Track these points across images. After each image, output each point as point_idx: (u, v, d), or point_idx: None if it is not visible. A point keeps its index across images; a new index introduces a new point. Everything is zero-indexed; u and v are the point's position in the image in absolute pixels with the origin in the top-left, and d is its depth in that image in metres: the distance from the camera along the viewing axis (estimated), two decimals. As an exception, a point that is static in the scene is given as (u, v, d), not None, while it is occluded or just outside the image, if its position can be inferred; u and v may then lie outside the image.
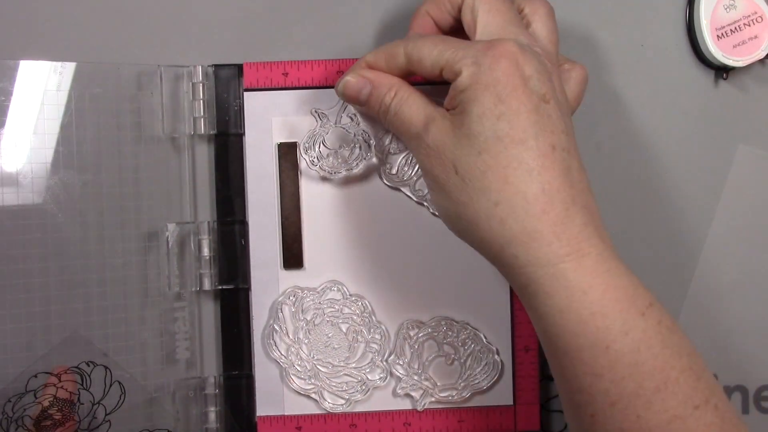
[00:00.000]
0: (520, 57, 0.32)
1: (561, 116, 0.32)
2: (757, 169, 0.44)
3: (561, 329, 0.31)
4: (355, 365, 0.42)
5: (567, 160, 0.32)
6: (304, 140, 0.41)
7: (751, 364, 0.44)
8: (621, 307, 0.30)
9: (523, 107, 0.31)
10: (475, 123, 0.32)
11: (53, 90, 0.40)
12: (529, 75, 0.32)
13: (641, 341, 0.30)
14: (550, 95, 0.32)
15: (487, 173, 0.32)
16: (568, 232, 0.31)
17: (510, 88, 0.31)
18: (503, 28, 0.34)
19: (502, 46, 0.32)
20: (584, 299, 0.30)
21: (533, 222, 0.31)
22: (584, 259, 0.31)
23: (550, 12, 0.36)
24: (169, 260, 0.41)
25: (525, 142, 0.31)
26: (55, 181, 0.40)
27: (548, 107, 0.32)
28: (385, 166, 0.42)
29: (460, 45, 0.33)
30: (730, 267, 0.44)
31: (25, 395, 0.38)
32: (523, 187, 0.31)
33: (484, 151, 0.32)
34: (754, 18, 0.43)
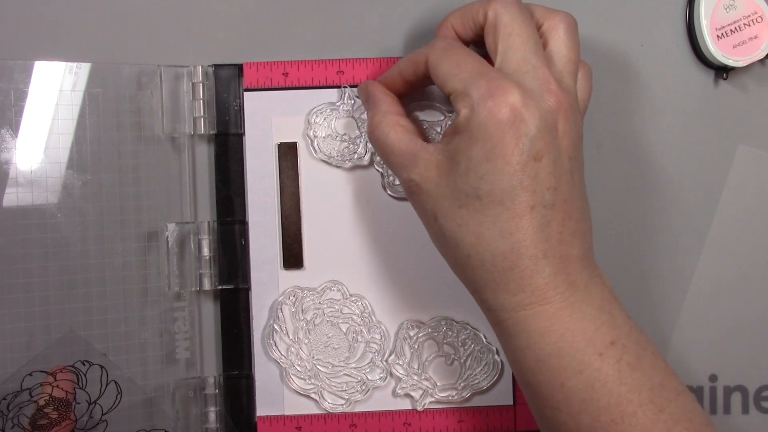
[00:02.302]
0: (521, 111, 0.32)
1: (553, 171, 0.32)
2: (757, 169, 0.44)
3: (522, 365, 0.34)
4: (355, 365, 0.42)
5: (546, 216, 0.32)
6: (317, 107, 0.42)
7: (751, 364, 0.44)
8: (577, 348, 0.33)
9: (508, 168, 0.32)
10: (461, 178, 0.33)
11: (68, 90, 0.40)
12: (525, 132, 0.32)
13: (596, 379, 0.33)
14: (545, 151, 0.32)
15: (463, 227, 0.33)
16: (534, 284, 0.33)
17: (500, 147, 0.32)
18: (523, 61, 0.34)
19: (503, 96, 0.32)
20: (541, 341, 0.33)
21: (500, 276, 0.33)
22: (547, 306, 0.33)
23: (570, 28, 0.35)
24: (169, 260, 0.41)
25: (502, 203, 0.32)
26: (56, 181, 0.40)
27: (537, 166, 0.32)
28: (388, 178, 0.42)
29: (473, 76, 0.33)
30: (730, 267, 0.44)
31: (20, 394, 0.38)
32: (494, 246, 0.33)
33: (463, 206, 0.33)
34: (754, 18, 0.43)
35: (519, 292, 0.33)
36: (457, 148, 0.33)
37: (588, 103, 0.38)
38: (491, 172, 0.32)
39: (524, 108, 0.32)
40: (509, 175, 0.32)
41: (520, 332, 0.33)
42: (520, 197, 0.32)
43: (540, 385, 0.34)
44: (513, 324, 0.33)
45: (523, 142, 0.32)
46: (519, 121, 0.32)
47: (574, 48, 0.35)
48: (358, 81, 0.42)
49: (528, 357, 0.34)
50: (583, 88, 0.37)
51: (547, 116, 0.32)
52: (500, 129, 0.32)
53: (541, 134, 0.32)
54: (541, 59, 0.34)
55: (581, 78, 0.37)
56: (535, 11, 0.36)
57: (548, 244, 0.32)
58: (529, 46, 0.34)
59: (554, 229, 0.33)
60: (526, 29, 0.34)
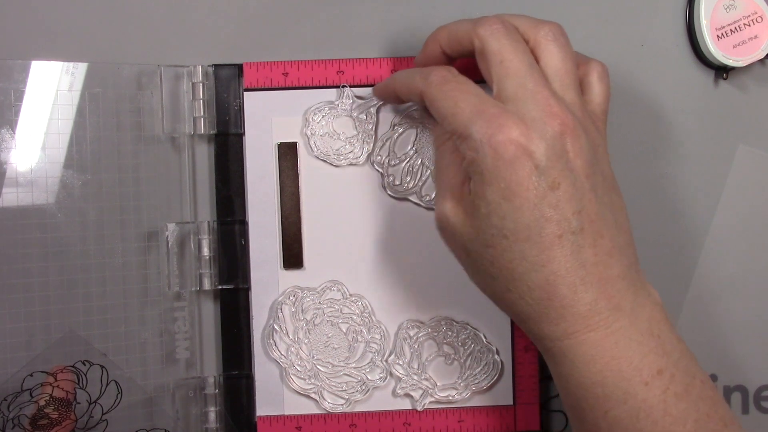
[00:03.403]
0: (526, 144, 0.31)
1: (573, 195, 0.32)
2: (757, 169, 0.44)
3: (567, 392, 0.34)
4: (354, 365, 0.42)
5: (576, 242, 0.32)
6: (315, 105, 0.42)
7: (751, 364, 0.44)
8: (622, 377, 0.32)
9: (527, 203, 0.31)
10: (483, 221, 0.32)
11: (65, 90, 0.40)
12: (536, 164, 0.31)
13: (640, 409, 0.32)
14: (561, 177, 0.31)
15: (495, 264, 0.33)
16: (575, 312, 0.32)
17: (514, 186, 0.31)
18: (519, 87, 0.33)
19: (505, 133, 0.31)
20: (585, 369, 0.32)
21: (539, 307, 0.32)
22: (591, 333, 0.32)
23: (558, 38, 0.34)
24: (169, 260, 0.41)
25: (529, 239, 0.32)
26: (55, 181, 0.40)
27: (557, 195, 0.31)
28: (387, 178, 0.42)
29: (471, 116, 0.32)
30: (730, 266, 0.44)
31: (21, 394, 0.38)
32: (528, 279, 0.32)
33: (490, 246, 0.33)
34: (754, 18, 0.43)
35: (561, 321, 0.32)
36: (473, 191, 0.33)
37: (607, 105, 0.36)
38: (511, 212, 0.31)
39: (528, 141, 0.31)
40: (530, 211, 0.31)
41: (564, 360, 0.33)
42: (545, 230, 0.31)
43: (584, 411, 0.33)
44: (558, 352, 0.33)
45: (536, 176, 0.31)
46: (526, 156, 0.31)
47: (567, 58, 0.34)
48: (358, 81, 0.42)
49: (572, 384, 0.33)
50: (599, 92, 0.36)
51: (554, 142, 0.32)
52: (509, 168, 0.31)
53: (552, 162, 0.31)
54: (538, 80, 0.33)
55: (595, 81, 0.36)
56: (520, 26, 0.35)
57: (584, 269, 0.32)
58: (523, 71, 0.33)
59: (588, 252, 0.32)
60: (515, 53, 0.33)
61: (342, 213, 0.42)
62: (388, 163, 0.42)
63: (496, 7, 0.43)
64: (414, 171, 0.42)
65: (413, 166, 0.42)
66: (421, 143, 0.42)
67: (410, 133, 0.42)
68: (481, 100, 0.33)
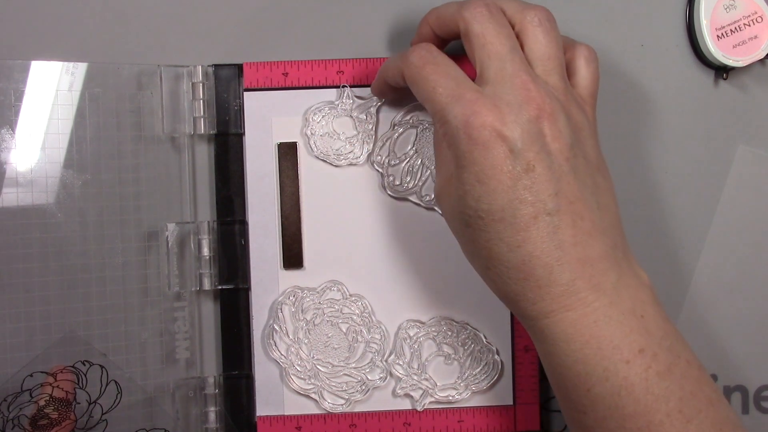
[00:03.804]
0: (501, 129, 0.32)
1: (550, 178, 0.32)
2: (757, 169, 0.44)
3: (551, 370, 0.35)
4: (354, 365, 0.42)
5: (552, 223, 0.32)
6: (315, 105, 0.42)
7: (751, 364, 0.44)
8: (602, 355, 0.32)
9: (501, 186, 0.32)
10: (460, 201, 0.33)
11: (65, 90, 0.40)
12: (510, 148, 0.32)
13: (622, 387, 0.32)
14: (536, 160, 0.32)
15: (474, 243, 0.33)
16: (552, 292, 0.32)
17: (488, 169, 0.32)
18: (499, 71, 0.33)
19: (480, 118, 0.32)
20: (566, 348, 0.33)
21: (517, 287, 0.33)
22: (569, 313, 0.32)
23: (543, 22, 0.34)
24: (169, 260, 0.41)
25: (503, 220, 0.32)
26: (55, 181, 0.40)
27: (532, 176, 0.32)
28: (387, 178, 0.42)
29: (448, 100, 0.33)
30: (730, 267, 0.44)
31: (21, 394, 0.38)
32: (505, 259, 0.33)
33: (469, 226, 0.33)
34: (754, 18, 0.43)
35: (539, 300, 0.33)
36: (453, 173, 0.33)
37: (596, 88, 0.36)
38: (486, 194, 0.32)
39: (503, 125, 0.32)
40: (504, 193, 0.32)
41: (546, 339, 0.33)
42: (520, 211, 0.32)
43: (567, 389, 0.34)
44: (539, 331, 0.33)
45: (511, 159, 0.32)
46: (500, 140, 0.32)
47: (552, 43, 0.34)
48: (357, 81, 0.42)
49: (555, 362, 0.33)
50: (586, 75, 0.36)
51: (530, 126, 0.32)
52: (483, 151, 0.32)
53: (527, 145, 0.32)
54: (518, 64, 0.33)
55: (582, 65, 0.36)
56: (507, 10, 0.35)
57: (561, 250, 0.32)
58: (503, 54, 0.33)
59: (565, 233, 0.32)
60: (498, 37, 0.33)
61: (342, 213, 0.42)
62: (388, 163, 0.42)
63: (496, 7, 0.43)
64: (414, 171, 0.42)
65: (413, 166, 0.42)
66: (421, 143, 0.42)
67: (410, 133, 0.42)
68: (458, 83, 0.33)
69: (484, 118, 0.32)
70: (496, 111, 0.32)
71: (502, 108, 0.32)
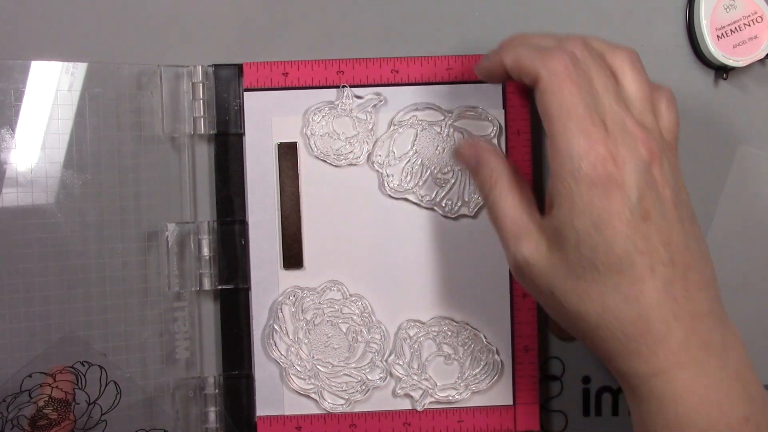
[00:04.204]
0: (618, 174, 0.30)
1: (663, 227, 0.31)
2: (757, 169, 0.44)
3: (649, 430, 0.32)
4: (354, 365, 0.42)
5: (667, 275, 0.31)
6: (315, 105, 0.42)
7: (751, 364, 0.44)
8: (710, 421, 0.31)
9: (620, 235, 0.30)
10: (572, 251, 0.31)
11: (65, 90, 0.40)
12: (628, 195, 0.30)
13: None
14: (651, 208, 0.31)
15: (585, 300, 0.32)
16: (667, 348, 0.31)
17: (605, 216, 0.30)
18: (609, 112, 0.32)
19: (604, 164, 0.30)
20: (675, 409, 0.31)
21: (631, 343, 0.31)
22: (681, 371, 0.31)
23: (635, 63, 0.34)
24: (169, 260, 0.41)
25: (621, 271, 0.31)
26: (55, 181, 0.40)
27: (648, 226, 0.31)
28: (386, 178, 0.42)
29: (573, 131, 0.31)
30: (730, 267, 0.44)
31: (20, 395, 0.38)
32: (620, 314, 0.31)
33: (581, 279, 0.31)
34: (754, 18, 0.43)
35: (652, 357, 0.31)
36: (560, 220, 0.32)
37: (677, 133, 0.35)
38: (603, 243, 0.30)
39: (623, 171, 0.30)
40: (622, 242, 0.30)
41: (652, 398, 0.32)
42: (637, 262, 0.31)
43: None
44: (646, 390, 0.32)
45: (628, 207, 0.30)
46: (621, 186, 0.30)
47: (644, 84, 0.34)
48: (357, 81, 0.42)
49: (657, 423, 0.32)
50: (669, 119, 0.35)
51: (645, 171, 0.31)
52: (603, 197, 0.30)
53: (643, 192, 0.31)
54: (624, 107, 0.32)
55: (663, 108, 0.35)
56: (596, 49, 0.34)
57: (676, 303, 0.31)
58: (609, 95, 0.32)
59: (678, 286, 0.31)
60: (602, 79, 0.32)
61: (342, 213, 0.42)
62: (387, 162, 0.42)
63: (501, 7, 0.43)
64: (413, 171, 0.42)
65: (413, 166, 0.42)
66: (420, 143, 0.42)
67: (410, 133, 0.42)
68: (590, 114, 0.31)
69: (608, 164, 0.30)
70: (618, 155, 0.31)
71: (622, 152, 0.31)
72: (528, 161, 0.42)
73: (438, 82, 0.42)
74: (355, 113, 0.42)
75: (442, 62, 0.42)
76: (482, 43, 0.43)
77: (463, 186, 0.42)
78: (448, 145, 0.42)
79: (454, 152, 0.39)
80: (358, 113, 0.42)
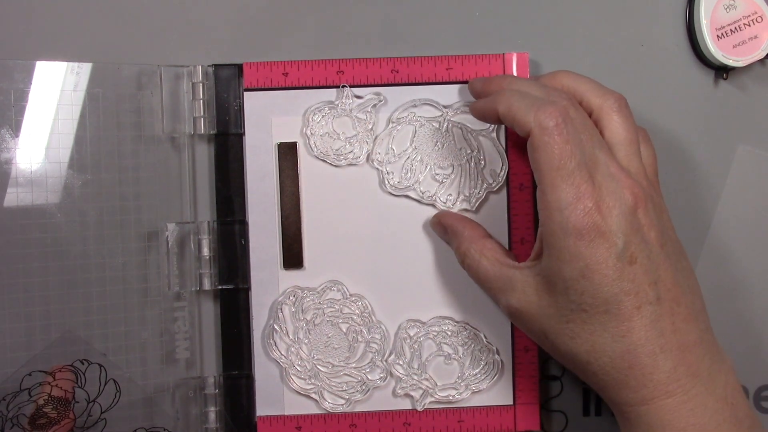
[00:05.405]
0: (606, 219, 0.32)
1: (649, 267, 0.32)
2: (757, 169, 0.44)
3: None
4: (355, 365, 0.42)
5: (654, 312, 0.33)
6: (315, 105, 0.42)
7: (751, 364, 0.44)
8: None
9: (606, 280, 0.32)
10: (561, 296, 0.33)
11: (69, 90, 0.40)
12: (614, 242, 0.32)
13: None
14: (638, 251, 0.32)
15: (576, 339, 0.33)
16: (655, 379, 0.33)
17: (592, 264, 0.32)
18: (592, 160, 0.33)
19: (590, 215, 0.32)
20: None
21: (621, 376, 0.33)
22: (669, 399, 0.33)
23: (622, 108, 0.35)
24: (169, 260, 0.41)
25: (608, 311, 0.32)
26: (55, 181, 0.40)
27: (634, 269, 0.32)
28: (387, 175, 0.42)
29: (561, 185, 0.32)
30: (730, 267, 0.44)
31: (19, 394, 0.38)
32: (609, 350, 0.33)
33: (570, 321, 0.33)
34: (754, 18, 0.43)
35: (641, 388, 0.33)
36: (548, 268, 0.33)
37: (657, 167, 0.37)
38: (590, 288, 0.32)
39: (609, 219, 0.32)
40: (609, 286, 0.32)
41: (641, 424, 0.33)
42: (624, 303, 0.32)
43: None
44: (634, 417, 0.33)
45: (615, 253, 0.32)
46: (606, 234, 0.32)
47: (630, 128, 0.35)
48: (358, 81, 0.42)
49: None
50: (648, 155, 0.37)
51: (630, 217, 0.32)
52: (589, 247, 0.32)
53: (629, 238, 0.32)
54: (607, 154, 0.34)
55: (643, 146, 0.36)
56: (585, 94, 0.36)
57: (663, 338, 0.32)
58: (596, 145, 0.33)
59: (666, 321, 0.33)
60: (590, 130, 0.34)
61: (342, 213, 0.42)
62: (387, 160, 0.42)
63: (501, 7, 0.43)
64: (413, 168, 0.42)
65: (412, 163, 0.42)
66: (419, 140, 0.42)
67: (408, 129, 0.42)
68: (579, 167, 0.32)
69: (594, 214, 0.32)
70: (603, 204, 0.32)
71: (607, 201, 0.32)
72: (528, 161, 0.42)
73: (438, 82, 0.42)
74: (355, 113, 0.42)
75: (442, 62, 0.42)
76: (482, 43, 0.43)
77: (464, 181, 0.42)
78: (447, 141, 0.42)
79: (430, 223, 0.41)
80: (357, 113, 0.42)
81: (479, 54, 0.42)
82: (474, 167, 0.42)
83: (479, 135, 0.42)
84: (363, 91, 0.42)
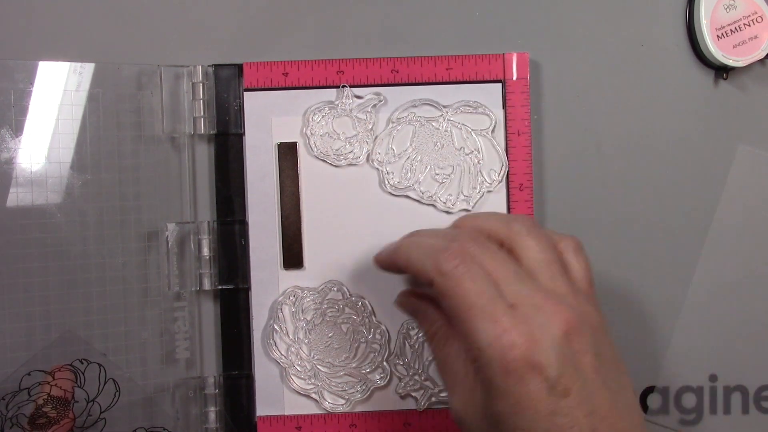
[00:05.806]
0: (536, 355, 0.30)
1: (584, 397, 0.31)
2: (757, 169, 0.44)
3: None
4: (355, 365, 0.42)
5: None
6: (315, 105, 0.42)
7: (751, 364, 0.44)
8: None
9: (539, 416, 0.30)
10: (494, 427, 0.31)
11: (72, 90, 0.40)
12: (547, 375, 0.30)
13: None
14: (571, 383, 0.31)
15: None
16: None
17: (525, 400, 0.30)
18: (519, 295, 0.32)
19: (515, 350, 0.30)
20: None
21: None
22: None
23: (577, 248, 0.34)
24: (169, 260, 0.41)
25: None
26: (55, 181, 0.40)
27: (568, 402, 0.31)
28: (387, 176, 0.42)
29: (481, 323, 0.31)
30: (730, 267, 0.44)
31: (19, 393, 0.38)
32: None
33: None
34: (754, 18, 0.43)
35: None
36: (483, 403, 0.32)
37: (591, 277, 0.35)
38: (523, 423, 0.30)
39: (539, 353, 0.30)
40: (542, 422, 0.30)
41: None
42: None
43: None
44: None
45: (547, 388, 0.30)
46: (537, 370, 0.30)
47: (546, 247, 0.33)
48: (358, 81, 0.42)
49: None
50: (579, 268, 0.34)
51: (561, 347, 0.31)
52: (520, 384, 0.30)
53: (562, 369, 0.30)
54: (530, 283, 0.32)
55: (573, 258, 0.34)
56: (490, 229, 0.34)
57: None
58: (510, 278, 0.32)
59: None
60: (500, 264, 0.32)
61: (342, 213, 0.42)
62: (387, 160, 0.42)
63: (501, 7, 0.43)
64: (413, 168, 0.42)
65: (412, 163, 0.42)
66: (419, 140, 0.42)
67: (408, 129, 0.42)
68: (493, 302, 0.31)
69: (520, 349, 0.30)
70: (530, 338, 0.30)
71: (534, 333, 0.30)
72: (528, 161, 0.42)
73: (438, 82, 0.42)
74: (355, 113, 0.42)
75: (442, 62, 0.42)
76: (482, 43, 0.43)
77: (463, 181, 0.42)
78: (447, 141, 0.42)
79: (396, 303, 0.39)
80: (358, 113, 0.42)
81: (479, 54, 0.42)
82: (473, 167, 0.42)
83: (479, 135, 0.42)
84: (363, 91, 0.42)
